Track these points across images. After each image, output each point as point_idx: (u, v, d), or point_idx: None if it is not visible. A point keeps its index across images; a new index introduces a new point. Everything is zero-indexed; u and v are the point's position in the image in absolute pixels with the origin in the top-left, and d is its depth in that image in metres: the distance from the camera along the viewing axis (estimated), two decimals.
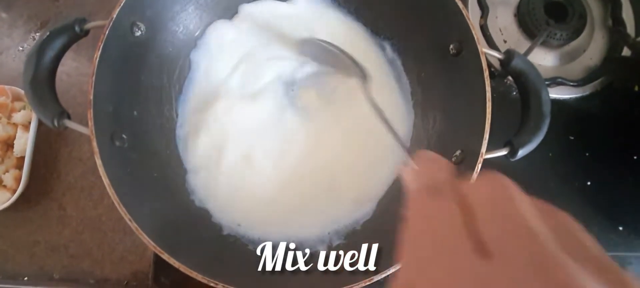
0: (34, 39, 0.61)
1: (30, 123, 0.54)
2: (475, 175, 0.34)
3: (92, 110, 0.33)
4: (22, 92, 0.55)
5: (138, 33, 0.40)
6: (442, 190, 0.19)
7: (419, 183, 0.20)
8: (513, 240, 0.15)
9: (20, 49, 0.61)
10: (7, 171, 0.52)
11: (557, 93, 0.54)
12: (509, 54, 0.37)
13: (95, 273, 0.52)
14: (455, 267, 0.15)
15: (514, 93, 0.54)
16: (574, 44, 0.56)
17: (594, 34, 0.57)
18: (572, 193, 0.52)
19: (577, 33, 0.55)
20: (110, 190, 0.32)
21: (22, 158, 0.52)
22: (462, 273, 0.15)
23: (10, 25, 0.62)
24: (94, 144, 0.32)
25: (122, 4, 0.35)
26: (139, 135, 0.40)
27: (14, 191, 0.50)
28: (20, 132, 0.53)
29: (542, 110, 0.36)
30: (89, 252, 0.52)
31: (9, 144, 0.53)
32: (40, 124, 0.54)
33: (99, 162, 0.32)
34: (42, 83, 0.33)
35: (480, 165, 0.35)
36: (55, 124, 0.33)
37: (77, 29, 0.35)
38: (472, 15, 0.56)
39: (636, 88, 0.54)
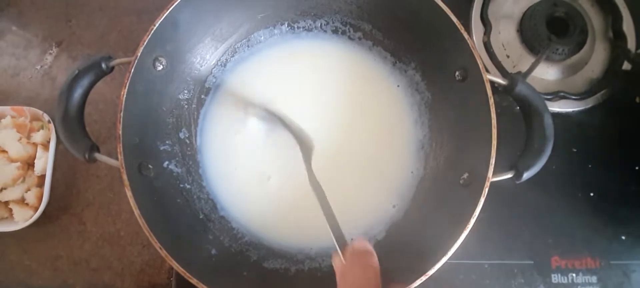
0: (50, 59, 0.63)
1: (49, 142, 0.56)
2: (482, 199, 0.36)
3: (121, 144, 0.34)
4: (40, 112, 0.57)
5: (160, 67, 0.42)
6: None
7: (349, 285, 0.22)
8: None
9: (37, 69, 0.62)
10: (29, 189, 0.53)
11: (560, 107, 0.55)
12: (513, 80, 0.39)
13: (116, 285, 0.54)
14: None
15: (517, 108, 0.55)
16: (576, 57, 0.57)
17: (595, 46, 0.58)
18: (576, 205, 0.54)
19: (578, 47, 0.56)
20: (141, 221, 0.33)
21: (43, 176, 0.54)
22: None
23: (26, 46, 0.63)
24: (124, 177, 0.34)
25: (146, 42, 0.37)
26: (162, 163, 0.42)
27: (36, 209, 0.52)
28: (40, 152, 0.55)
29: (546, 134, 0.37)
30: (110, 265, 0.54)
31: (29, 163, 0.55)
32: (58, 142, 0.56)
33: (129, 193, 0.34)
34: (72, 120, 0.35)
35: (487, 189, 0.36)
36: (86, 157, 0.35)
37: (103, 66, 0.37)
38: (476, 31, 0.57)
39: (637, 100, 0.55)
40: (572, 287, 0.51)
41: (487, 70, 0.44)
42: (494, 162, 0.36)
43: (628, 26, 0.58)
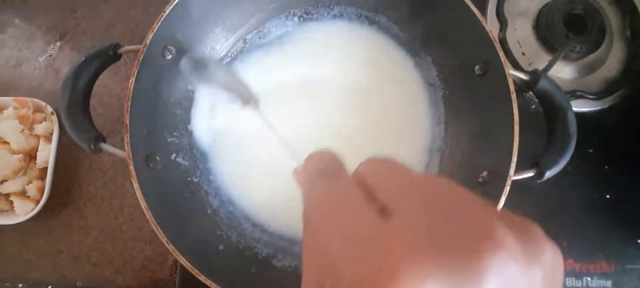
0: (54, 51, 0.62)
1: (51, 134, 0.55)
2: (503, 197, 0.34)
3: (128, 135, 0.33)
4: (43, 104, 0.56)
5: (169, 57, 0.41)
6: (336, 174, 0.18)
7: (310, 173, 0.19)
8: (410, 194, 0.14)
9: (40, 60, 0.61)
10: (30, 182, 0.53)
11: (576, 106, 0.54)
12: (535, 76, 0.38)
13: (117, 281, 0.53)
14: (358, 234, 0.14)
15: (533, 106, 0.54)
16: (593, 56, 0.55)
17: (612, 46, 0.57)
18: (591, 206, 0.52)
19: (596, 45, 0.54)
20: (148, 213, 0.32)
21: (45, 169, 0.53)
22: (365, 238, 0.13)
23: (30, 37, 0.62)
24: (131, 168, 0.33)
25: (155, 30, 0.36)
26: (170, 155, 0.41)
27: (38, 202, 0.51)
28: (42, 144, 0.54)
29: (569, 132, 0.36)
30: (111, 261, 0.53)
31: (31, 156, 0.54)
32: (61, 135, 0.55)
33: (136, 185, 0.33)
34: (77, 108, 0.34)
35: (508, 188, 0.35)
36: (92, 147, 0.34)
37: (111, 53, 0.36)
38: (491, 28, 0.56)
39: None
40: None
41: None
42: (516, 159, 0.35)
43: None
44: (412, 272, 0.11)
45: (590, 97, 0.54)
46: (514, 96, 0.36)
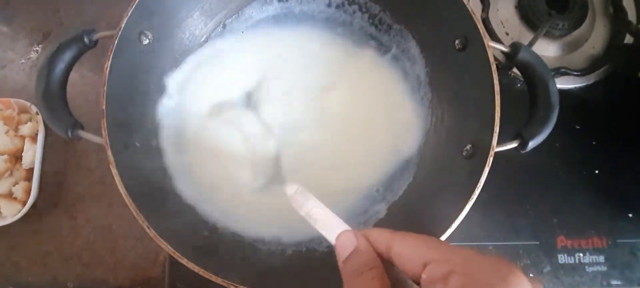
0: (37, 51, 0.61)
1: (37, 135, 0.54)
2: (487, 168, 0.34)
3: (105, 120, 0.33)
4: (28, 104, 0.55)
5: (146, 41, 0.40)
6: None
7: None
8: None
9: (24, 61, 0.61)
10: (16, 183, 0.52)
11: (561, 83, 0.54)
12: (515, 47, 0.38)
13: (108, 280, 0.52)
14: None
15: (519, 85, 0.55)
16: (576, 33, 0.56)
17: (595, 23, 0.58)
18: (581, 182, 0.53)
19: (579, 22, 0.55)
20: (128, 199, 0.32)
21: (31, 170, 0.52)
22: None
23: (13, 38, 0.62)
24: (109, 153, 0.33)
25: (129, 13, 0.36)
26: (150, 142, 0.40)
27: (24, 203, 0.51)
28: (28, 144, 0.54)
29: (551, 101, 0.36)
30: (102, 260, 0.52)
31: (17, 157, 0.54)
32: (47, 135, 0.55)
33: (114, 171, 0.32)
34: (54, 95, 0.33)
35: (491, 159, 0.35)
36: (70, 135, 0.33)
37: (86, 40, 0.35)
38: (474, 8, 0.56)
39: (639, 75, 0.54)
40: (579, 267, 0.50)
41: None
42: (498, 130, 0.35)
43: (628, 1, 0.58)
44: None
45: (575, 73, 0.54)
46: (494, 67, 0.36)
